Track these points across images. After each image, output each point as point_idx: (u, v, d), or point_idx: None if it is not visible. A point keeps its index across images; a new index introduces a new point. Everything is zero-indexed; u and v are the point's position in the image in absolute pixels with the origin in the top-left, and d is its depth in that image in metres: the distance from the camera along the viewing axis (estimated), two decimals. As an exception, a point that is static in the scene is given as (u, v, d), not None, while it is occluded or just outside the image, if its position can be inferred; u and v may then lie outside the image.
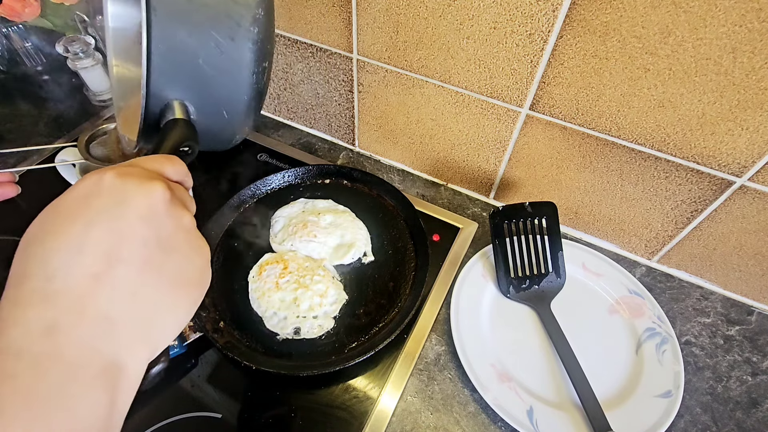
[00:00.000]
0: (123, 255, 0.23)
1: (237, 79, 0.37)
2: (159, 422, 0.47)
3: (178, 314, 0.26)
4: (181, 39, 0.33)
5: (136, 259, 0.23)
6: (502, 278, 0.58)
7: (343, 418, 0.48)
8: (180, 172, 0.29)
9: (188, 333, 0.51)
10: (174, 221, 0.25)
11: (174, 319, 0.25)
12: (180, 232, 0.25)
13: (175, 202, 0.26)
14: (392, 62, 0.60)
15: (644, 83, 0.46)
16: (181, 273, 0.25)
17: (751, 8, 0.38)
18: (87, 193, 0.24)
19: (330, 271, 0.59)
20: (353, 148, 0.78)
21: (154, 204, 0.24)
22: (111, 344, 0.22)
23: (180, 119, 0.35)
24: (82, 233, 0.23)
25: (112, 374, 0.22)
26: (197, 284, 0.27)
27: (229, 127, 0.40)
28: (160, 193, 0.25)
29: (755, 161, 0.47)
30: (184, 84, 0.35)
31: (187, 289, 0.26)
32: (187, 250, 0.26)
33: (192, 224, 0.27)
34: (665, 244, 0.61)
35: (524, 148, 0.60)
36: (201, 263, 0.27)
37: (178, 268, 0.25)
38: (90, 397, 0.21)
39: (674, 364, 0.51)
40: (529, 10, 0.47)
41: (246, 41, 0.36)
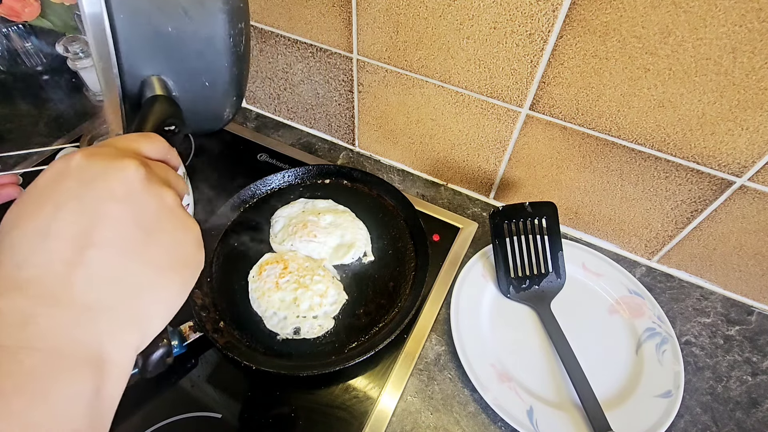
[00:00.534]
0: (96, 238, 0.22)
1: (213, 45, 0.34)
2: (159, 422, 0.47)
3: (167, 298, 0.24)
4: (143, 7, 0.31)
5: (112, 242, 0.22)
6: (502, 278, 0.58)
7: (343, 418, 0.48)
8: (160, 150, 0.28)
9: (188, 333, 0.51)
10: (154, 200, 0.24)
11: (164, 303, 0.24)
12: (162, 211, 0.24)
13: (154, 179, 0.24)
14: (392, 62, 0.60)
15: (644, 83, 0.46)
16: (168, 254, 0.24)
17: (751, 8, 0.38)
18: (55, 177, 0.23)
19: (330, 271, 0.59)
20: (353, 148, 0.78)
21: (128, 183, 0.23)
22: (91, 333, 0.21)
23: (159, 95, 0.33)
24: (50, 218, 0.21)
25: (95, 364, 0.21)
26: (187, 265, 0.25)
27: (215, 99, 0.37)
28: (132, 171, 0.23)
29: (755, 161, 0.47)
30: (157, 56, 0.33)
31: (176, 270, 0.25)
32: (172, 230, 0.25)
33: (176, 202, 0.25)
34: (665, 244, 0.61)
35: (524, 148, 0.60)
36: (189, 242, 0.26)
37: (164, 248, 0.24)
38: (71, 389, 0.20)
39: (674, 364, 0.51)
40: (529, 10, 0.47)
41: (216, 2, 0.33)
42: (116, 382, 0.22)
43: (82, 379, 0.20)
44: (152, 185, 0.24)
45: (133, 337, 0.23)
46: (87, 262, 0.21)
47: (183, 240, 0.25)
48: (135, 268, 0.23)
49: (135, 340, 0.23)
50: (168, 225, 0.24)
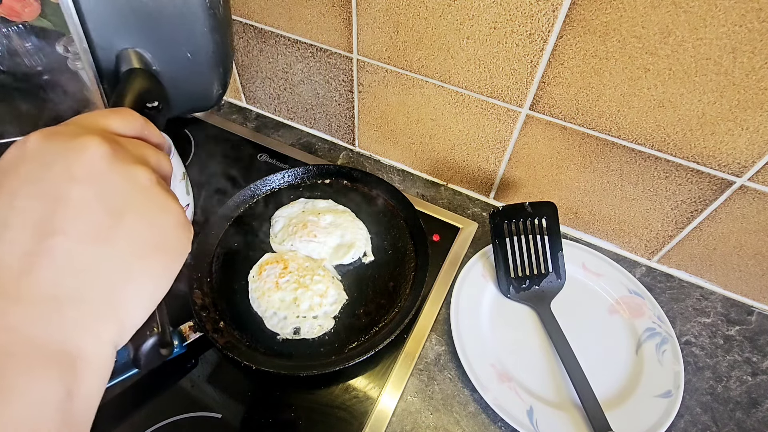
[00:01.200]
0: (58, 225, 0.20)
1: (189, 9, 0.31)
2: (159, 422, 0.47)
3: (146, 286, 0.22)
4: None
5: (77, 228, 0.20)
6: (502, 278, 0.58)
7: (343, 418, 0.48)
8: (132, 125, 0.25)
9: (188, 333, 0.51)
10: (124, 179, 0.22)
11: (143, 292, 0.22)
12: (134, 191, 0.22)
13: (123, 157, 0.22)
14: (392, 62, 0.60)
15: (644, 83, 0.46)
16: (143, 238, 0.22)
17: (751, 8, 0.38)
18: (10, 162, 0.21)
19: (330, 271, 0.59)
20: (353, 148, 0.78)
21: (90, 162, 0.21)
22: (58, 328, 0.19)
23: (136, 69, 0.30)
24: (6, 207, 0.20)
25: (64, 362, 0.19)
26: (166, 250, 0.23)
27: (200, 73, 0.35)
28: (93, 149, 0.21)
29: (755, 161, 0.47)
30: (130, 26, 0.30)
31: (154, 256, 0.22)
32: (147, 212, 0.22)
33: (151, 181, 0.23)
34: (665, 244, 0.61)
35: (524, 148, 0.60)
36: (168, 225, 0.23)
37: (137, 233, 0.22)
38: (36, 391, 0.18)
39: (674, 364, 0.51)
40: (529, 10, 0.47)
41: None
42: (93, 380, 0.21)
43: (49, 380, 0.19)
44: (119, 163, 0.22)
45: (109, 331, 0.21)
46: (50, 252, 0.20)
47: (160, 222, 0.23)
48: (105, 255, 0.21)
49: (112, 333, 0.21)
50: (141, 207, 0.22)
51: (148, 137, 0.26)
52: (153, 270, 0.23)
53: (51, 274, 0.20)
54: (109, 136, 0.23)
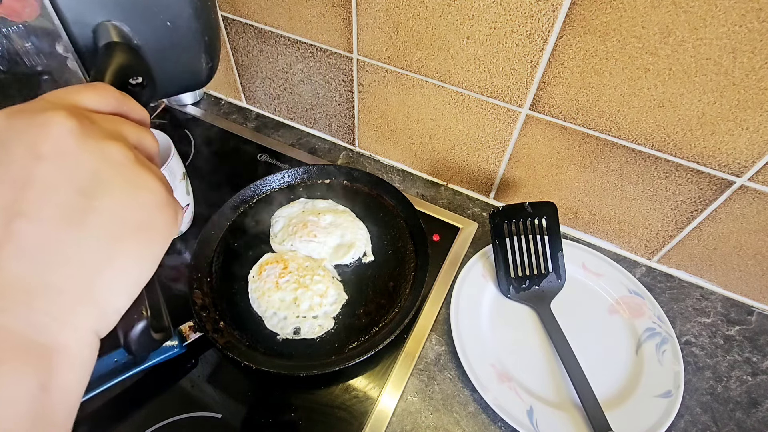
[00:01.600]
0: (24, 207, 0.19)
1: None
2: (159, 422, 0.47)
3: (126, 270, 0.21)
4: None
5: (45, 211, 0.19)
6: (502, 278, 0.58)
7: (343, 418, 0.48)
8: (107, 99, 0.23)
9: (188, 333, 0.51)
10: (95, 156, 0.20)
11: (123, 277, 0.21)
12: (108, 169, 0.20)
13: (94, 132, 0.20)
14: (392, 62, 0.60)
15: (644, 83, 0.46)
16: (118, 219, 0.20)
17: (751, 8, 0.38)
18: None
19: (330, 271, 0.59)
20: (353, 148, 0.78)
21: (56, 138, 0.19)
22: (28, 318, 0.18)
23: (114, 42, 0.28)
24: None
25: (36, 354, 0.18)
26: (147, 229, 0.22)
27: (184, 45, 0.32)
28: (59, 125, 0.20)
29: (755, 161, 0.47)
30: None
31: (132, 237, 0.21)
32: (123, 190, 0.21)
33: (126, 157, 0.21)
34: (665, 244, 0.61)
35: (524, 148, 0.60)
36: (147, 202, 0.22)
37: (113, 212, 0.20)
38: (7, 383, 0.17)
39: (674, 364, 0.51)
40: (529, 10, 0.47)
41: None
42: (71, 372, 0.19)
43: (20, 374, 0.18)
44: (90, 139, 0.20)
45: (87, 319, 0.20)
46: (16, 236, 0.18)
47: (139, 201, 0.21)
48: (78, 238, 0.19)
49: (91, 321, 0.20)
50: (116, 185, 0.21)
51: (128, 113, 0.24)
52: (133, 252, 0.21)
53: (18, 261, 0.18)
54: (78, 111, 0.21)
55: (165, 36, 0.31)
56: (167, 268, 0.61)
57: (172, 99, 0.83)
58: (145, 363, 0.48)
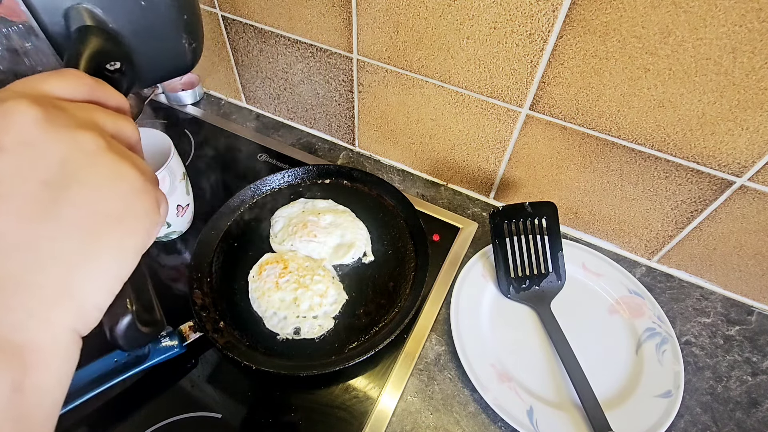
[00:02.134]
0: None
1: None
2: (159, 422, 0.47)
3: (103, 264, 0.20)
4: None
5: (11, 206, 0.18)
6: (502, 278, 0.58)
7: (343, 418, 0.48)
8: (79, 87, 0.22)
9: (188, 333, 0.51)
10: (63, 145, 0.19)
11: (100, 271, 0.20)
12: (78, 158, 0.19)
13: (61, 121, 0.19)
14: (392, 62, 0.60)
15: (644, 83, 0.46)
16: (93, 210, 0.20)
17: (751, 8, 0.38)
18: None
19: (330, 271, 0.59)
20: (353, 148, 0.78)
21: (20, 128, 0.18)
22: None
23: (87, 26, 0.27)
24: None
25: (8, 352, 0.18)
26: (124, 219, 0.21)
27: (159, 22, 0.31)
28: (23, 114, 0.19)
29: (755, 161, 0.47)
30: None
31: (107, 230, 0.20)
32: (95, 180, 0.20)
33: (98, 145, 0.20)
34: (665, 244, 0.61)
35: (524, 148, 0.60)
36: (122, 192, 0.21)
37: (85, 204, 0.19)
38: None
39: (674, 364, 0.51)
40: (529, 10, 0.47)
41: None
42: (48, 371, 0.19)
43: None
44: (57, 128, 0.19)
45: (64, 316, 0.19)
46: None
47: (113, 191, 0.20)
48: (48, 233, 0.19)
49: (69, 318, 0.19)
50: (88, 175, 0.20)
51: (103, 100, 0.23)
52: (110, 245, 0.20)
53: None
54: (44, 99, 0.20)
55: (140, 17, 0.29)
56: (167, 268, 0.61)
57: (172, 99, 0.83)
58: (145, 363, 0.48)
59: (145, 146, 0.29)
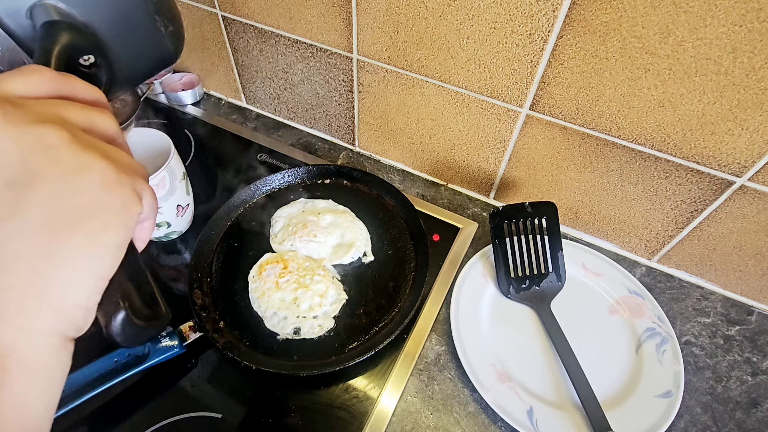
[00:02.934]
0: None
1: None
2: (159, 422, 0.47)
3: (78, 262, 0.19)
4: None
5: None
6: (502, 278, 0.58)
7: (343, 418, 0.48)
8: (42, 83, 0.21)
9: (188, 333, 0.51)
10: (22, 142, 0.18)
11: (75, 270, 0.19)
12: (38, 154, 0.18)
13: (17, 118, 0.19)
14: (392, 62, 0.60)
15: (644, 83, 0.46)
16: (61, 206, 0.19)
17: (751, 8, 0.38)
18: None
19: (330, 271, 0.59)
20: (353, 148, 0.78)
21: None
22: None
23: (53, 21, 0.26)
24: None
25: None
26: (96, 213, 0.19)
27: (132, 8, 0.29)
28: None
29: (755, 161, 0.47)
30: None
31: (76, 226, 0.19)
32: (60, 175, 0.19)
33: (61, 139, 0.19)
34: (665, 244, 0.61)
35: (524, 148, 0.60)
36: (91, 184, 0.19)
37: (52, 201, 0.18)
38: None
39: (674, 364, 0.51)
40: (529, 10, 0.47)
41: None
42: (27, 378, 0.18)
43: None
44: (13, 125, 0.18)
45: (44, 320, 0.18)
46: None
47: (80, 185, 0.19)
48: (15, 234, 0.18)
49: (47, 322, 0.19)
50: (50, 170, 0.19)
51: (73, 94, 0.22)
52: (83, 242, 0.19)
53: None
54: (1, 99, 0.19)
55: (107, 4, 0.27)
56: (167, 268, 0.61)
57: (172, 99, 0.83)
58: (145, 363, 0.48)
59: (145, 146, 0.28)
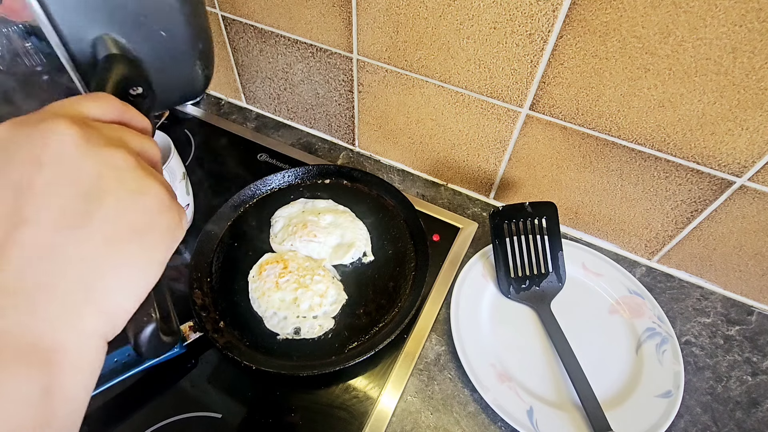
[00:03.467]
0: (27, 213, 0.19)
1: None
2: (159, 422, 0.47)
3: (130, 273, 0.21)
4: None
5: (48, 216, 0.19)
6: (502, 278, 0.58)
7: (343, 418, 0.48)
8: (110, 109, 0.24)
9: (188, 333, 0.51)
10: (95, 163, 0.21)
11: (127, 280, 0.21)
12: (110, 174, 0.21)
13: (95, 140, 0.21)
14: (392, 62, 0.60)
15: (644, 83, 0.46)
16: (120, 223, 0.21)
17: (751, 8, 0.38)
18: None
19: (330, 271, 0.59)
20: (353, 148, 0.78)
21: (58, 146, 0.20)
22: (30, 321, 0.18)
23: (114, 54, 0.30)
24: None
25: (39, 356, 0.18)
26: (150, 232, 0.22)
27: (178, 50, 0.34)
28: (61, 133, 0.20)
29: (755, 161, 0.47)
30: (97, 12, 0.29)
31: (134, 240, 0.21)
32: (124, 195, 0.21)
33: (127, 163, 0.22)
34: (665, 244, 0.61)
35: (524, 148, 0.60)
36: (149, 206, 0.22)
37: (113, 217, 0.21)
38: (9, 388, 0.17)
39: (674, 364, 0.51)
40: (529, 10, 0.47)
41: None
42: (76, 375, 0.19)
43: (22, 377, 0.18)
44: (92, 146, 0.21)
45: (93, 322, 0.20)
46: (20, 242, 0.19)
47: (139, 205, 0.22)
48: (80, 242, 0.20)
49: (98, 324, 0.20)
50: (118, 189, 0.21)
51: (130, 122, 0.25)
52: (136, 255, 0.21)
53: (22, 264, 0.19)
54: (80, 119, 0.22)
55: (161, 46, 0.32)
56: (167, 268, 0.61)
57: (172, 99, 0.83)
58: (145, 363, 0.48)
59: (145, 146, 0.30)
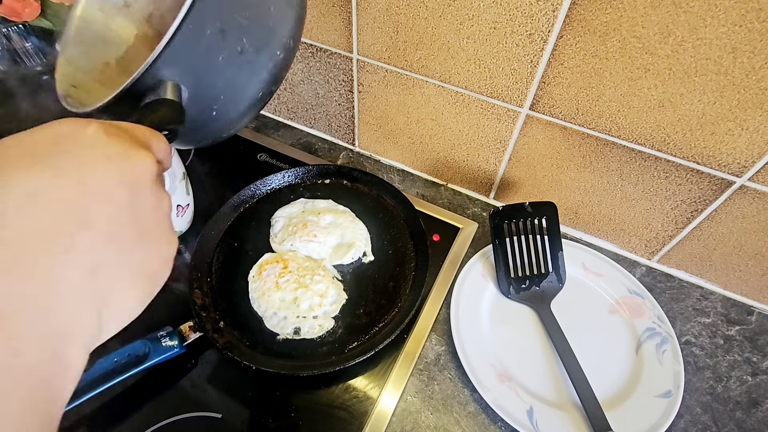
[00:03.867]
0: (91, 219, 0.19)
1: (243, 89, 0.35)
2: (159, 422, 0.47)
3: (131, 306, 0.22)
4: (214, 28, 0.31)
5: (104, 230, 0.20)
6: (502, 278, 0.58)
7: (343, 418, 0.48)
8: (164, 152, 0.26)
9: (188, 333, 0.51)
10: (155, 201, 0.22)
11: (125, 311, 0.22)
12: (157, 215, 0.23)
13: (159, 181, 0.23)
14: (392, 62, 0.60)
15: (644, 83, 0.46)
16: (147, 261, 0.22)
17: (751, 8, 0.38)
18: (61, 135, 0.20)
19: (330, 271, 0.59)
20: (353, 148, 0.78)
21: (141, 174, 0.21)
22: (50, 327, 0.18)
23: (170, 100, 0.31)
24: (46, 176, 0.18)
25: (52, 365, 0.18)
26: (154, 278, 0.23)
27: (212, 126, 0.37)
28: (147, 165, 0.22)
29: (755, 161, 0.47)
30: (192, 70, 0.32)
31: (146, 280, 0.23)
32: (158, 237, 0.23)
33: (168, 211, 0.24)
34: (665, 244, 0.61)
35: (524, 148, 0.60)
36: (167, 256, 0.24)
37: (145, 254, 0.22)
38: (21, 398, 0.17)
39: (674, 364, 0.51)
40: (529, 10, 0.47)
41: (268, 59, 0.35)
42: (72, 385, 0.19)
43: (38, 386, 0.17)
44: (157, 186, 0.23)
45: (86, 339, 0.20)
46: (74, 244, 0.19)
47: (163, 251, 0.24)
48: (113, 264, 0.20)
49: (99, 341, 0.21)
50: (157, 231, 0.23)
51: (165, 164, 0.27)
52: (140, 292, 0.23)
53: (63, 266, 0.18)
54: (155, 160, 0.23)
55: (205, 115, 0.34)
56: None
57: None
58: (145, 363, 0.48)
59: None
